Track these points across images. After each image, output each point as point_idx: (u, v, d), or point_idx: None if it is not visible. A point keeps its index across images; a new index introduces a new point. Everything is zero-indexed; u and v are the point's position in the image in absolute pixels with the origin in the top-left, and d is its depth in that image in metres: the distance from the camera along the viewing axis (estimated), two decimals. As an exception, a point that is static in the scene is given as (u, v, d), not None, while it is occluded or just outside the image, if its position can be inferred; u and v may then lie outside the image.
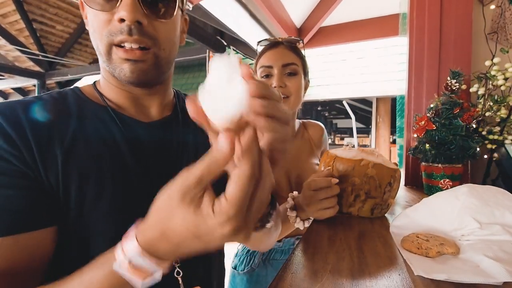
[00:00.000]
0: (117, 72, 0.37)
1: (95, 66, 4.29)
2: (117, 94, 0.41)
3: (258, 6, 1.79)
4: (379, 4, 2.13)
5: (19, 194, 0.30)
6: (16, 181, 0.30)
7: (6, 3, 3.85)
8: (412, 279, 0.32)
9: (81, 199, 0.34)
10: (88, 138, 0.36)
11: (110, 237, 0.34)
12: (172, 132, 0.45)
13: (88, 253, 0.34)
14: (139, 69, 0.37)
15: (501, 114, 0.81)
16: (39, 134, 0.33)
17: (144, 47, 0.36)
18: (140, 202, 0.36)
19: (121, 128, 0.39)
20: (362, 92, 3.82)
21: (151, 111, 0.44)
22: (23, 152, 0.31)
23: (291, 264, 0.37)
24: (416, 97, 1.03)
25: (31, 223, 0.30)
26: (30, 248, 0.30)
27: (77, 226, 0.34)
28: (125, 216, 0.34)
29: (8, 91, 6.41)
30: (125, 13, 0.34)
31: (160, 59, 0.39)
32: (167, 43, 0.39)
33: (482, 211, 0.43)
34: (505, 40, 0.92)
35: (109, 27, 0.35)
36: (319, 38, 2.47)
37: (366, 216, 0.58)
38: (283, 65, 0.72)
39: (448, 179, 0.77)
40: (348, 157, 0.59)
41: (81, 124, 0.37)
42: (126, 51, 0.36)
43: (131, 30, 0.35)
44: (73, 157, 0.34)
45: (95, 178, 0.35)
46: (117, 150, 0.38)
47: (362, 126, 8.62)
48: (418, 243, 0.39)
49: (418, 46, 1.02)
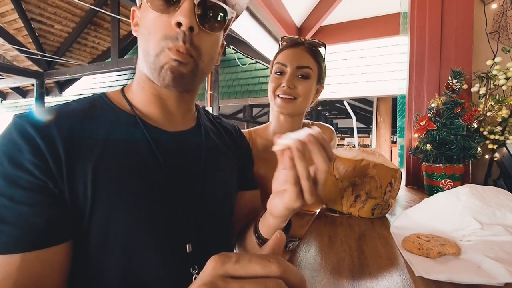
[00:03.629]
0: (157, 74, 0.39)
1: (94, 65, 4.28)
2: (147, 100, 0.43)
3: (258, 5, 1.79)
4: (379, 3, 2.13)
5: (34, 211, 0.30)
6: (34, 195, 0.30)
7: (4, 2, 3.83)
8: (413, 280, 0.32)
9: (110, 212, 0.35)
10: (117, 149, 0.37)
11: (136, 248, 0.36)
12: (196, 143, 0.47)
13: (110, 262, 0.36)
14: (179, 71, 0.39)
15: (503, 113, 0.81)
16: (69, 146, 0.33)
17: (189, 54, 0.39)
18: (166, 215, 0.39)
19: (149, 139, 0.41)
20: (362, 92, 3.82)
21: (176, 119, 0.46)
22: (49, 163, 0.32)
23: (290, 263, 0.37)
24: (417, 97, 1.03)
25: (47, 239, 0.31)
26: (49, 263, 0.31)
27: (100, 236, 0.35)
28: (151, 230, 0.37)
29: (7, 90, 6.40)
30: (182, 18, 0.37)
31: (199, 68, 0.41)
32: (207, 56, 0.42)
33: (483, 212, 0.43)
34: (507, 39, 0.92)
35: (164, 31, 0.38)
36: (320, 38, 2.46)
37: (367, 217, 0.58)
38: (297, 66, 0.72)
39: (449, 179, 0.77)
40: (348, 157, 0.59)
41: (109, 135, 0.38)
42: (177, 52, 0.38)
43: (185, 36, 0.38)
44: (102, 169, 0.35)
45: (123, 190, 0.36)
46: (144, 162, 0.39)
47: (363, 126, 8.62)
48: (419, 243, 0.38)
49: (419, 45, 1.02)
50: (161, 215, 0.39)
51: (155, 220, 0.38)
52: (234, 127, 0.61)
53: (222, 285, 0.17)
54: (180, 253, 0.40)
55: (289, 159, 0.33)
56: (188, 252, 0.40)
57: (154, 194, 0.39)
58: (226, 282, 0.18)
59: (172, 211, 0.40)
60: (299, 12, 2.17)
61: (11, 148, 0.31)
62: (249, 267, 0.18)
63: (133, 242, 0.36)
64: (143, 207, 0.37)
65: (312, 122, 0.91)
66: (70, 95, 6.32)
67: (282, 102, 0.72)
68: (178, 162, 0.43)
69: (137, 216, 0.37)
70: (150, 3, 0.38)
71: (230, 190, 0.51)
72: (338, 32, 2.45)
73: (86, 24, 4.63)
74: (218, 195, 0.48)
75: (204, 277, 0.18)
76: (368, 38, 2.41)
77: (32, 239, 0.29)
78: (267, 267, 0.18)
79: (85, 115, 0.38)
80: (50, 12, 4.24)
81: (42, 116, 0.34)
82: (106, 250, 0.35)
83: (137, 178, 0.38)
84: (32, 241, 0.29)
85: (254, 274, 0.18)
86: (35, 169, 0.31)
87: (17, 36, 4.35)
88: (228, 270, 0.18)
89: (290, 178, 0.33)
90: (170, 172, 0.41)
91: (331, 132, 0.90)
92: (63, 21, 4.47)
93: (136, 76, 0.44)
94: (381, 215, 0.59)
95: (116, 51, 3.86)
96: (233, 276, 0.18)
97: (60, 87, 5.60)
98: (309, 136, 0.33)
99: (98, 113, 0.40)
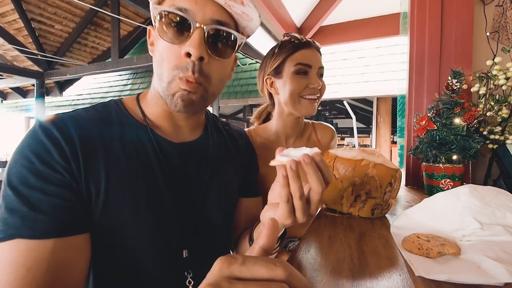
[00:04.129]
0: (169, 100, 0.42)
1: (94, 65, 4.28)
2: (158, 113, 0.46)
3: (258, 5, 1.79)
4: (379, 4, 2.13)
5: (65, 204, 0.34)
6: (64, 191, 0.34)
7: (4, 2, 3.83)
8: (413, 280, 0.32)
9: (118, 212, 0.38)
10: (127, 155, 0.40)
11: (137, 248, 0.39)
12: (201, 152, 0.49)
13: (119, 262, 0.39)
14: (189, 99, 0.41)
15: (503, 114, 0.81)
16: (87, 149, 0.37)
17: (198, 82, 0.41)
18: (166, 221, 0.42)
19: (157, 149, 0.43)
20: (362, 92, 3.82)
21: (184, 132, 0.48)
22: (72, 165, 0.35)
23: (291, 265, 0.37)
24: (417, 97, 1.03)
25: (73, 228, 0.34)
26: (76, 248, 0.34)
27: (107, 233, 0.38)
28: (152, 232, 0.40)
29: (7, 90, 6.40)
30: (192, 49, 0.38)
31: (208, 93, 0.43)
32: (217, 81, 0.44)
33: (483, 212, 0.43)
34: (507, 39, 0.92)
35: (176, 61, 0.40)
36: (320, 38, 2.47)
37: (367, 217, 0.58)
38: (319, 67, 0.73)
39: (449, 179, 0.77)
40: (348, 157, 0.59)
41: (122, 141, 0.41)
42: (187, 82, 0.40)
43: (194, 67, 0.39)
44: (113, 172, 0.38)
45: (130, 191, 0.39)
46: (151, 169, 0.42)
47: (363, 126, 8.62)
48: (419, 243, 0.38)
49: (419, 45, 1.02)
50: (162, 220, 0.41)
51: (156, 224, 0.40)
52: (242, 135, 0.61)
53: (227, 286, 0.18)
54: (176, 257, 0.42)
55: (283, 177, 0.33)
56: (184, 257, 0.43)
57: (157, 199, 0.41)
58: (231, 283, 0.18)
59: (173, 217, 0.42)
60: (299, 12, 2.17)
61: (40, 148, 0.34)
62: (255, 269, 0.19)
63: (135, 242, 0.39)
64: (146, 210, 0.39)
65: (313, 122, 0.91)
66: (70, 95, 6.32)
67: (309, 104, 0.71)
68: (182, 171, 0.45)
69: (140, 218, 0.39)
70: (161, 34, 0.39)
71: (231, 198, 0.52)
72: (338, 32, 2.45)
73: (86, 24, 4.63)
74: (219, 204, 0.49)
75: (210, 277, 0.19)
76: (368, 38, 2.41)
77: (63, 227, 0.33)
78: (273, 270, 0.19)
79: (101, 122, 0.41)
80: (50, 12, 4.24)
81: (64, 121, 0.37)
82: (111, 245, 0.38)
83: (143, 182, 0.40)
84: (63, 228, 0.33)
85: (259, 276, 0.18)
86: (63, 171, 0.34)
87: (17, 36, 4.35)
88: (233, 271, 0.19)
89: (283, 196, 0.34)
90: (174, 181, 0.43)
91: (331, 132, 0.90)
92: (63, 21, 4.47)
93: (151, 89, 0.46)
94: (381, 215, 0.59)
95: (116, 51, 3.86)
96: (238, 278, 0.19)
97: (60, 87, 5.60)
98: (304, 157, 0.33)
99: (112, 120, 0.42)
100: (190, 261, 0.43)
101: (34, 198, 0.32)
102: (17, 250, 0.30)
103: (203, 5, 0.39)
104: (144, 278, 0.40)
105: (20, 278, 0.30)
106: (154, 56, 0.43)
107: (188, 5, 0.38)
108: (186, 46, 0.38)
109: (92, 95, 6.10)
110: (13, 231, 0.31)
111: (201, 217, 0.46)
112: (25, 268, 0.30)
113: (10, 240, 0.31)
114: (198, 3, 0.39)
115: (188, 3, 0.38)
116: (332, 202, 0.61)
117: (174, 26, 0.38)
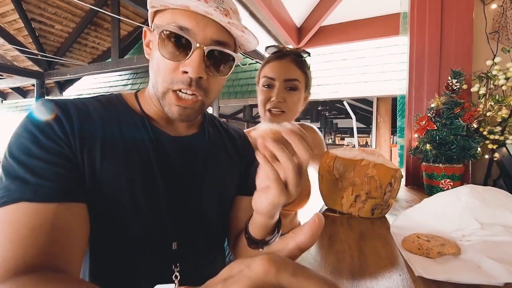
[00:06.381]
0: (166, 109, 0.42)
1: (94, 65, 4.28)
2: (154, 112, 0.47)
3: (258, 5, 1.79)
4: (379, 4, 2.13)
5: (67, 173, 0.36)
6: (66, 163, 0.36)
7: (4, 2, 3.83)
8: (413, 280, 0.32)
9: (114, 193, 0.39)
10: (124, 141, 0.41)
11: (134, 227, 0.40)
12: (196, 147, 0.49)
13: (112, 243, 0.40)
14: (185, 113, 0.42)
15: (502, 114, 0.81)
16: (85, 130, 0.39)
17: (195, 95, 0.42)
18: (157, 212, 0.42)
19: (152, 137, 0.44)
20: (362, 92, 3.82)
21: (179, 127, 0.49)
22: (71, 141, 0.37)
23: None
24: (417, 97, 1.03)
25: (74, 195, 0.36)
26: (77, 214, 0.36)
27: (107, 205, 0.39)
28: (142, 222, 0.40)
29: (7, 90, 6.40)
30: (191, 69, 0.39)
31: (205, 104, 0.44)
32: (214, 93, 0.45)
33: (483, 212, 0.43)
34: (507, 39, 0.92)
35: (172, 75, 0.40)
36: (320, 38, 2.47)
37: (367, 217, 0.58)
38: (285, 79, 0.72)
39: (449, 179, 0.77)
40: (348, 157, 0.59)
41: (119, 127, 0.42)
42: (179, 99, 0.41)
43: (191, 82, 0.40)
44: (109, 153, 0.39)
45: (124, 176, 0.39)
46: (146, 156, 0.42)
47: (363, 126, 8.62)
48: (419, 243, 0.38)
49: (418, 45, 1.02)
50: (155, 207, 0.41)
51: (148, 210, 0.41)
52: (240, 134, 0.61)
53: None
54: (165, 249, 0.42)
55: (269, 156, 0.34)
56: (173, 250, 0.43)
57: (151, 185, 0.41)
58: None
59: (165, 205, 0.42)
60: (299, 12, 2.18)
61: (44, 124, 0.36)
62: (306, 285, 0.16)
63: (128, 224, 0.40)
64: (140, 194, 0.40)
65: (293, 123, 0.91)
66: (70, 95, 6.32)
67: (272, 117, 0.72)
68: (176, 164, 0.45)
69: (133, 202, 0.40)
70: (160, 48, 0.39)
71: (225, 195, 0.52)
72: (338, 32, 2.45)
73: (86, 24, 4.62)
74: (212, 199, 0.49)
75: (253, 278, 0.16)
76: (368, 38, 2.41)
77: (65, 192, 0.35)
78: None
79: (101, 109, 0.42)
80: (51, 12, 4.24)
81: (65, 102, 0.40)
82: (105, 225, 0.39)
83: (138, 167, 0.41)
84: (66, 194, 0.35)
85: None
86: (64, 145, 0.36)
87: (17, 36, 4.35)
88: (281, 280, 0.16)
89: (273, 175, 0.33)
90: (168, 171, 0.43)
91: (313, 131, 0.90)
92: (64, 21, 4.47)
93: (149, 90, 0.47)
94: (381, 215, 0.59)
95: (116, 51, 3.86)
96: None
97: (61, 87, 5.60)
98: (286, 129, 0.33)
99: (111, 108, 0.44)
100: (179, 254, 0.43)
101: (37, 167, 0.34)
102: (22, 211, 0.32)
103: (204, 25, 0.39)
104: (135, 263, 0.41)
105: (23, 238, 0.31)
106: (150, 62, 0.44)
107: (190, 25, 0.39)
108: (185, 65, 0.39)
109: (92, 95, 6.09)
110: (17, 195, 0.32)
111: (194, 210, 0.46)
112: (28, 228, 0.31)
113: (14, 204, 0.32)
114: (199, 23, 0.39)
115: (190, 23, 0.39)
116: (332, 202, 0.61)
117: (174, 44, 0.39)
